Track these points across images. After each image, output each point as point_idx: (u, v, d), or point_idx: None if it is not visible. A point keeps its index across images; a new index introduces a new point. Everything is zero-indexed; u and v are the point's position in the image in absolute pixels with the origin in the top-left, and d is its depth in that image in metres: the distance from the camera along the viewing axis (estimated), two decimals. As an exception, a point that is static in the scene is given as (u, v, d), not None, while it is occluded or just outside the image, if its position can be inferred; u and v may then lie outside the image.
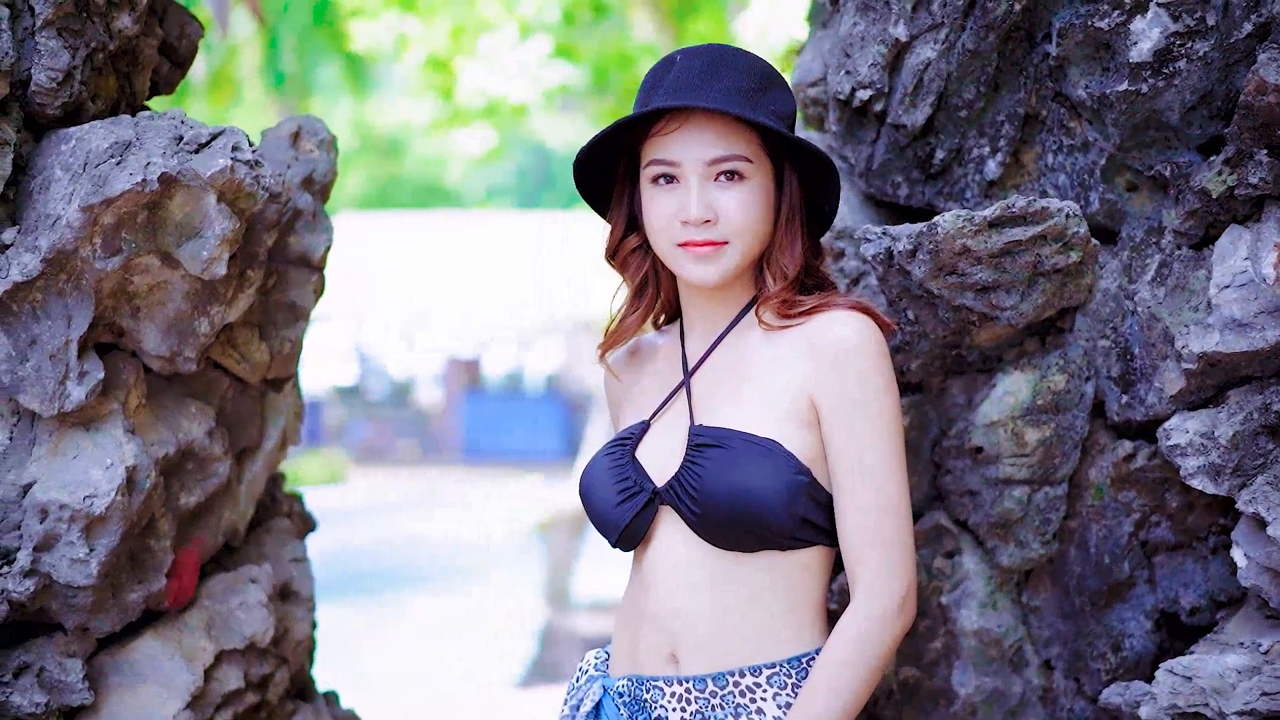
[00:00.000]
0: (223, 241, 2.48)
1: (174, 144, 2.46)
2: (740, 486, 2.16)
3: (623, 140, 2.32)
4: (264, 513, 3.07)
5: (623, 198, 2.38)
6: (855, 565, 2.19)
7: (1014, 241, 2.43)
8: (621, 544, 2.31)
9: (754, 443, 2.18)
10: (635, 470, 2.29)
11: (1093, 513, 2.63)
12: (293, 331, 2.83)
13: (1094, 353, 2.59)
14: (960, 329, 2.58)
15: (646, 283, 2.42)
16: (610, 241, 2.40)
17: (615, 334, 2.43)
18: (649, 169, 2.27)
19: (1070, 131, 2.62)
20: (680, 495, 2.22)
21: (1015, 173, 2.68)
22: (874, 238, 2.54)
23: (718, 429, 2.22)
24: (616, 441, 2.36)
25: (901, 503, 2.19)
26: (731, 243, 2.25)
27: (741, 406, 2.24)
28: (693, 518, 2.20)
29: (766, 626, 2.20)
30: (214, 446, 2.70)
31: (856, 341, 2.19)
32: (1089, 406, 2.59)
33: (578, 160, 2.32)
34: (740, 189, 2.24)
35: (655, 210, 2.27)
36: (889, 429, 2.19)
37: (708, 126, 2.23)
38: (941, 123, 2.66)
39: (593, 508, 2.33)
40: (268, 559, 2.92)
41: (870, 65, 2.65)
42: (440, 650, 10.53)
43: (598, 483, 2.33)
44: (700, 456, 2.20)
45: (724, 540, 2.20)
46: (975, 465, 2.66)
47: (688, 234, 2.24)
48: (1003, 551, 2.65)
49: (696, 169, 2.23)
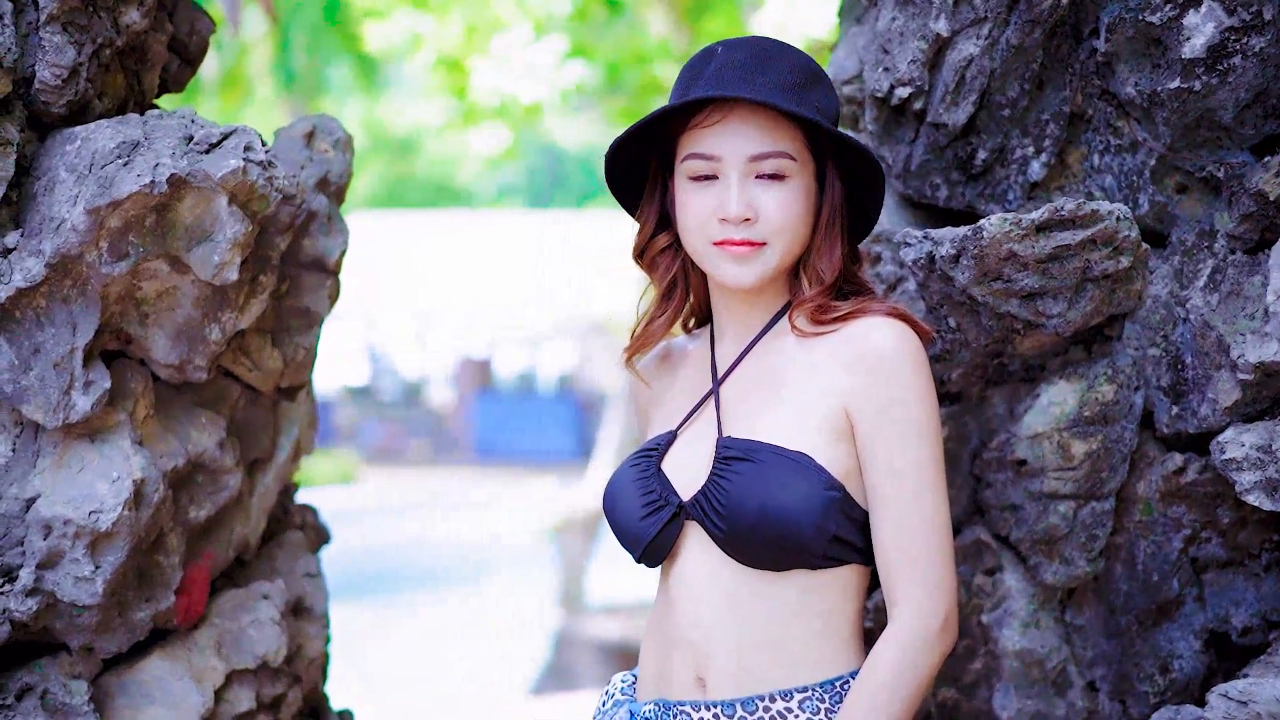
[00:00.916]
0: (234, 245, 2.38)
1: (184, 144, 2.35)
2: (769, 502, 2.06)
3: (658, 133, 2.22)
4: (276, 525, 2.97)
5: (654, 193, 2.28)
6: (893, 585, 2.08)
7: (1062, 246, 2.32)
8: (646, 560, 2.22)
9: (784, 456, 2.08)
10: (660, 483, 2.19)
11: (1140, 528, 2.52)
12: (306, 338, 2.73)
13: (1143, 362, 2.48)
14: (1003, 337, 2.48)
15: (675, 284, 2.31)
16: (639, 240, 2.30)
17: (641, 338, 2.32)
18: (686, 163, 2.17)
19: (1118, 131, 2.51)
20: (706, 510, 2.12)
21: (1060, 174, 2.57)
22: (914, 241, 2.44)
23: (746, 441, 2.12)
24: (642, 452, 2.27)
25: (941, 518, 2.09)
26: (770, 244, 2.15)
27: (772, 417, 2.14)
28: (719, 534, 2.11)
29: (798, 648, 2.10)
30: (225, 458, 2.59)
31: (893, 349, 2.09)
32: (1138, 418, 2.49)
33: (610, 152, 2.22)
34: (782, 188, 2.14)
35: (691, 207, 2.17)
36: (927, 441, 2.09)
37: (751, 120, 2.13)
38: (983, 122, 2.56)
39: (617, 521, 2.24)
40: (280, 574, 2.82)
41: (910, 62, 2.54)
42: (451, 653, 10.47)
43: (622, 495, 2.24)
44: (727, 470, 2.11)
45: (752, 558, 2.10)
46: (1018, 478, 2.55)
47: (725, 232, 2.14)
48: (1046, 568, 2.54)
49: (738, 165, 2.13)
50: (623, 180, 2.29)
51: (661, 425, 2.31)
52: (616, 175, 2.27)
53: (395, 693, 8.93)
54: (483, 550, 15.18)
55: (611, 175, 2.27)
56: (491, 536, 16.04)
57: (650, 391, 2.41)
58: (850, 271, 2.23)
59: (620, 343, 2.40)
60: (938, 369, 2.57)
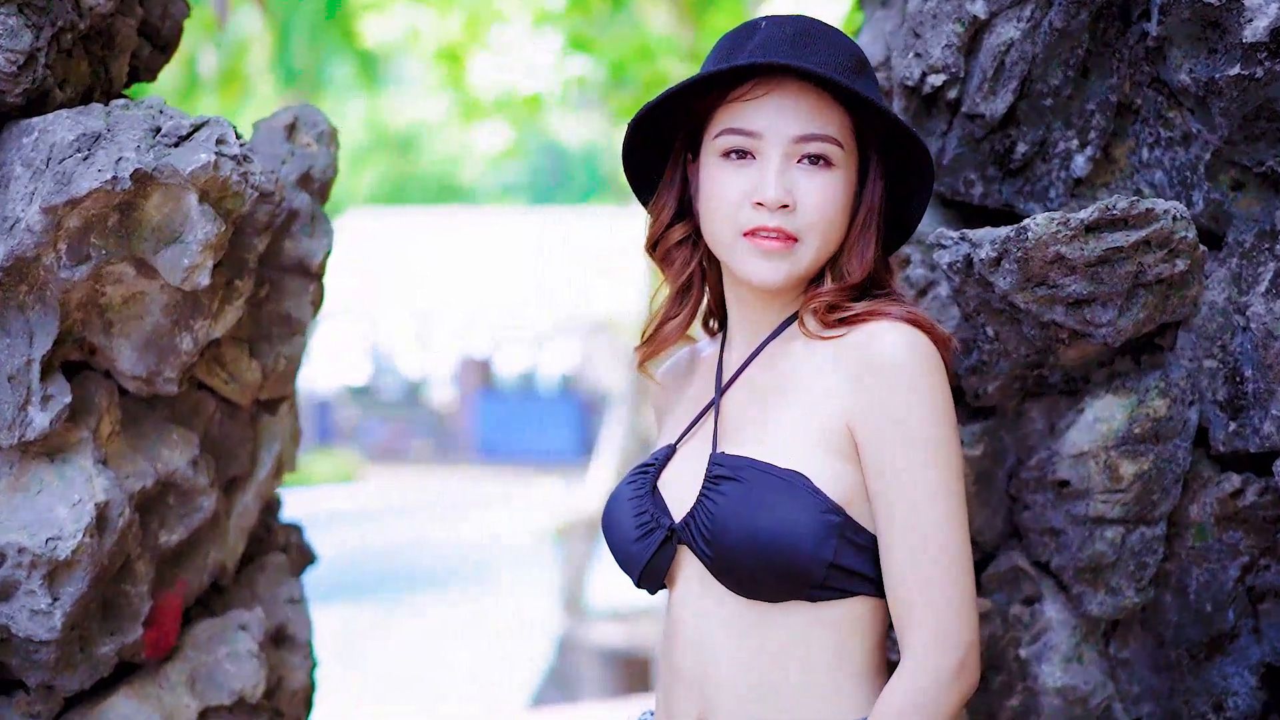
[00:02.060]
0: (206, 247, 2.17)
1: (150, 136, 2.15)
2: (756, 526, 1.86)
3: (687, 109, 2.01)
4: (258, 547, 2.76)
5: (675, 177, 2.06)
6: (903, 623, 1.87)
7: (1114, 248, 2.12)
8: (644, 585, 2.03)
9: (772, 475, 1.87)
10: (654, 503, 2.00)
11: (1193, 555, 2.32)
12: (288, 347, 2.52)
13: (1198, 374, 2.28)
14: (1046, 347, 2.28)
15: (691, 282, 2.10)
16: (654, 229, 2.08)
17: (654, 340, 2.11)
18: (721, 139, 1.95)
19: (1169, 122, 2.31)
20: (694, 534, 1.93)
21: (1105, 169, 2.38)
22: (950, 243, 2.23)
23: (736, 458, 1.92)
24: (640, 468, 2.08)
25: (957, 546, 1.86)
26: (804, 240, 1.94)
27: (769, 432, 1.93)
28: (708, 560, 1.92)
29: (804, 686, 1.90)
30: (198, 477, 2.39)
31: (900, 357, 1.86)
32: (1192, 435, 2.29)
33: (635, 122, 2.01)
34: (826, 176, 1.93)
35: (722, 188, 1.95)
36: (940, 461, 1.86)
37: (800, 98, 1.92)
38: (1024, 112, 2.36)
39: (613, 543, 2.06)
40: (260, 601, 2.62)
41: (944, 47, 2.34)
42: (451, 655, 10.34)
43: (618, 515, 2.05)
44: (715, 491, 1.91)
45: (744, 587, 1.90)
46: (1059, 500, 2.35)
47: (758, 219, 1.92)
48: (1091, 599, 2.34)
49: (780, 144, 1.92)
50: (639, 164, 2.08)
51: (667, 437, 2.12)
52: (635, 155, 2.06)
53: (395, 695, 8.80)
54: (484, 551, 15.07)
55: (630, 154, 2.06)
56: (493, 537, 15.91)
57: (667, 398, 2.22)
58: (881, 278, 2.03)
59: (623, 342, 2.20)
60: (972, 381, 2.37)
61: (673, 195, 2.06)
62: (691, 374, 2.19)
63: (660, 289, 2.13)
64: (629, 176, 2.11)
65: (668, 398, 2.22)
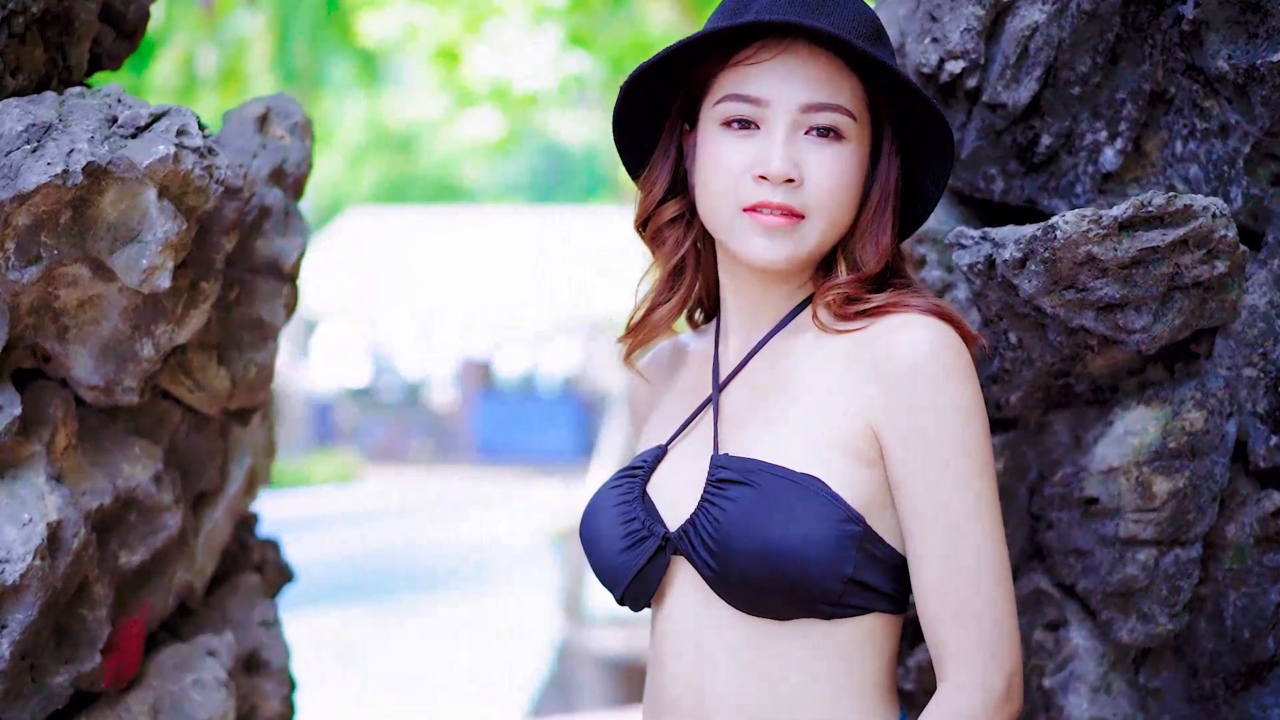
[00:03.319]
0: (166, 246, 2.01)
1: (105, 127, 1.99)
2: (769, 535, 1.69)
3: (685, 73, 1.84)
4: (232, 565, 2.60)
5: (669, 148, 1.89)
6: (942, 644, 1.72)
7: (1149, 248, 1.95)
8: (629, 601, 1.85)
9: (788, 479, 1.70)
10: (644, 509, 1.82)
11: (1231, 578, 2.16)
12: (260, 353, 2.36)
13: (1237, 384, 2.11)
14: (1073, 355, 2.12)
15: (684, 265, 1.92)
16: (645, 204, 1.90)
17: (642, 329, 1.94)
18: (722, 106, 1.79)
19: (1205, 113, 2.15)
20: (694, 544, 1.76)
21: (1136, 163, 2.21)
22: (970, 243, 2.07)
23: (743, 460, 1.75)
24: (626, 471, 1.90)
25: (998, 561, 1.72)
26: (811, 218, 1.77)
27: (778, 432, 1.76)
28: (709, 573, 1.74)
29: (811, 710, 1.74)
30: (162, 493, 2.22)
31: (928, 354, 1.71)
32: (1230, 450, 2.12)
33: (627, 86, 1.84)
34: (836, 150, 1.77)
35: (723, 159, 1.78)
36: (976, 467, 1.71)
37: (811, 63, 1.76)
38: (1049, 102, 2.20)
39: (594, 554, 1.88)
40: (231, 624, 2.45)
41: (963, 31, 2.17)
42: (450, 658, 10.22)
43: (601, 523, 1.87)
44: (720, 495, 1.74)
45: (750, 603, 1.74)
46: (1087, 519, 2.19)
47: (760, 194, 1.76)
48: (1121, 625, 2.18)
49: (788, 113, 1.76)
50: (632, 135, 1.91)
51: (654, 437, 1.94)
52: (627, 124, 1.89)
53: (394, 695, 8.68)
54: (484, 552, 14.96)
55: (621, 123, 1.89)
56: (493, 538, 15.79)
57: (650, 393, 2.05)
58: (898, 267, 1.87)
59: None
60: (994, 392, 2.21)
61: (666, 168, 1.90)
62: (677, 368, 2.02)
63: (649, 272, 1.96)
64: (620, 148, 1.94)
65: (650, 394, 2.05)
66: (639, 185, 1.93)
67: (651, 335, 1.95)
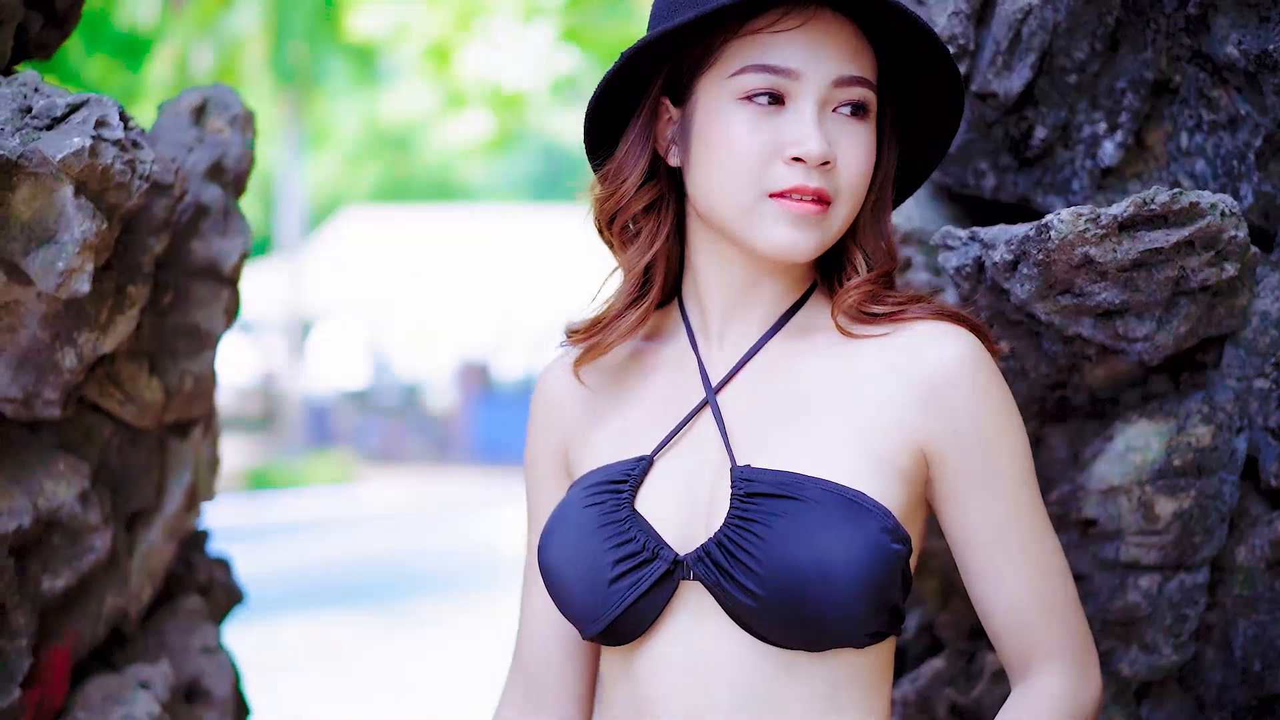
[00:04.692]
0: (84, 248, 1.85)
1: (18, 117, 1.84)
2: (828, 558, 1.53)
3: (675, 46, 1.66)
4: (177, 586, 2.44)
5: (648, 128, 1.71)
6: (1030, 650, 1.66)
7: (1152, 250, 1.80)
8: (610, 636, 1.65)
9: (839, 494, 1.56)
10: (640, 528, 1.63)
11: (1240, 605, 2.01)
12: (197, 363, 2.20)
13: (1247, 396, 1.96)
14: (1070, 365, 1.97)
15: (654, 262, 1.74)
16: (619, 193, 1.70)
17: (600, 338, 1.74)
18: (743, 79, 1.61)
19: (1213, 103, 2.00)
20: (726, 568, 1.56)
21: (1138, 157, 2.07)
22: (957, 243, 1.92)
23: (779, 473, 1.58)
24: (603, 485, 1.68)
25: (1069, 573, 1.70)
26: (837, 204, 1.63)
27: (801, 442, 1.61)
28: (744, 602, 1.56)
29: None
30: (88, 513, 2.07)
31: (976, 365, 1.63)
32: (1240, 467, 1.97)
33: (628, 58, 1.65)
34: (862, 129, 1.65)
35: (744, 137, 1.61)
36: (1033, 476, 1.68)
37: (837, 32, 1.63)
38: (1044, 91, 2.05)
39: (566, 582, 1.66)
40: (170, 651, 2.29)
41: (951, 14, 2.03)
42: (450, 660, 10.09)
43: (577, 545, 1.65)
44: (757, 510, 1.56)
45: (785, 634, 1.57)
46: (1085, 541, 2.05)
47: (794, 177, 1.60)
48: (1122, 656, 2.03)
49: (819, 88, 1.61)
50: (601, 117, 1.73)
51: (613, 449, 1.72)
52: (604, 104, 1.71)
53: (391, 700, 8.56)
54: (482, 555, 14.84)
55: (603, 100, 1.70)
56: (491, 541, 15.68)
57: (588, 403, 1.80)
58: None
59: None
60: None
61: (642, 154, 1.70)
62: (624, 372, 1.80)
63: (616, 272, 1.79)
64: (587, 134, 1.75)
65: (586, 402, 1.80)
66: (607, 173, 1.73)
67: (612, 345, 1.75)
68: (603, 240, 1.79)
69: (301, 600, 11.00)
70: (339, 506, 17.40)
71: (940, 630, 2.24)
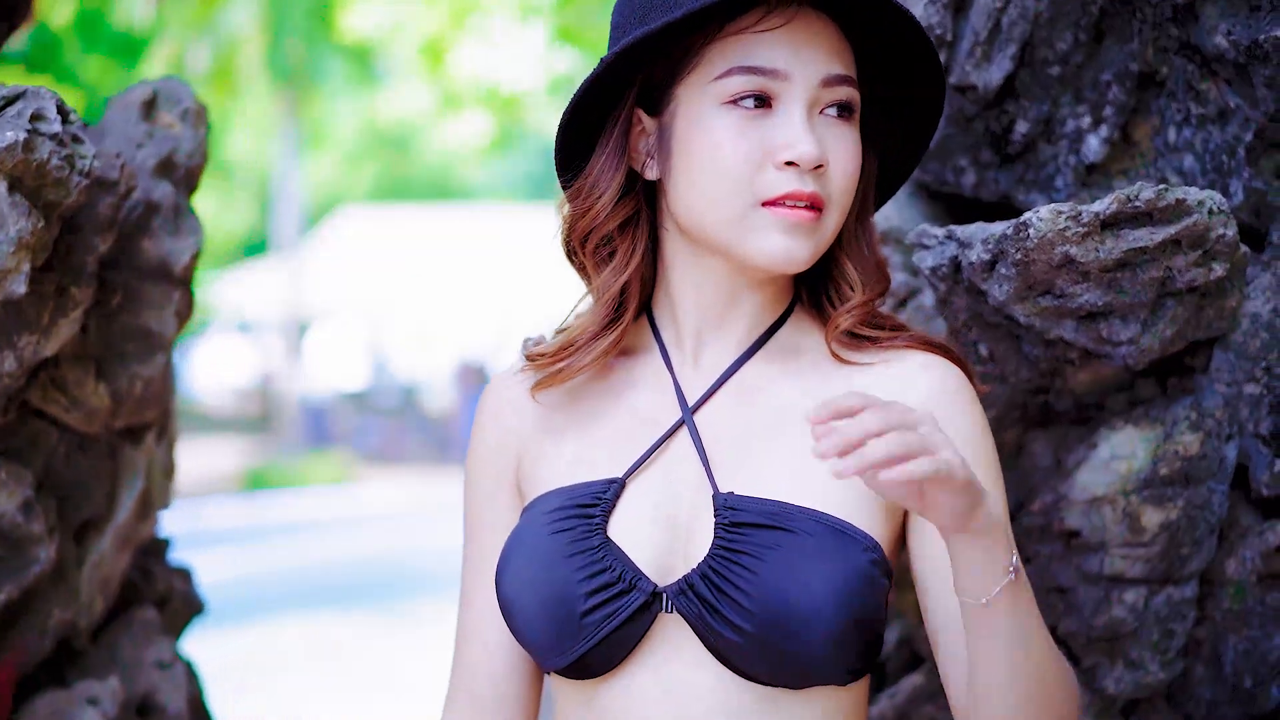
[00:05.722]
0: (20, 247, 1.78)
1: (-49, 111, 1.75)
2: (823, 593, 1.46)
3: (649, 52, 1.58)
4: (134, 598, 2.36)
5: (622, 141, 1.62)
6: None
7: (1137, 249, 1.73)
8: (576, 669, 1.56)
9: (828, 525, 1.49)
10: (615, 557, 1.54)
11: (1230, 620, 1.95)
12: (148, 366, 2.12)
13: (1237, 402, 1.88)
14: (1052, 370, 1.89)
15: (630, 282, 1.65)
16: (594, 210, 1.61)
17: (573, 356, 1.64)
18: (728, 81, 1.54)
19: (1201, 96, 1.93)
20: (712, 602, 1.49)
21: (1124, 153, 2.00)
22: (933, 242, 1.85)
23: (766, 501, 1.51)
24: (571, 509, 1.58)
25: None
26: (829, 210, 1.57)
27: (790, 466, 1.54)
28: (729, 638, 1.48)
29: None
30: (32, 524, 1.99)
31: (959, 388, 1.61)
32: (1230, 476, 1.90)
33: (605, 66, 1.57)
34: (850, 131, 1.59)
35: (730, 143, 1.54)
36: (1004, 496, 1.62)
37: (821, 30, 1.56)
38: (1025, 83, 1.98)
39: (527, 613, 1.56)
40: (122, 665, 2.21)
41: (927, 3, 1.97)
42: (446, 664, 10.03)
43: (541, 574, 1.56)
44: (745, 542, 1.49)
45: (769, 672, 1.50)
46: (1069, 553, 1.98)
47: (787, 183, 1.53)
48: (1107, 673, 1.96)
49: (808, 89, 1.55)
50: (574, 134, 1.64)
51: (573, 469, 1.63)
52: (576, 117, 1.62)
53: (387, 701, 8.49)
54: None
55: (578, 112, 1.61)
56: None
57: (541, 419, 1.69)
58: None
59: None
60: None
61: (619, 165, 1.62)
62: (587, 387, 1.69)
63: (585, 296, 1.70)
64: (559, 150, 1.65)
65: (539, 419, 1.70)
66: (579, 190, 1.63)
67: (581, 371, 1.65)
68: (573, 264, 1.70)
69: (301, 600, 10.94)
70: (338, 507, 17.35)
71: (919, 645, 2.16)
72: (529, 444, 1.69)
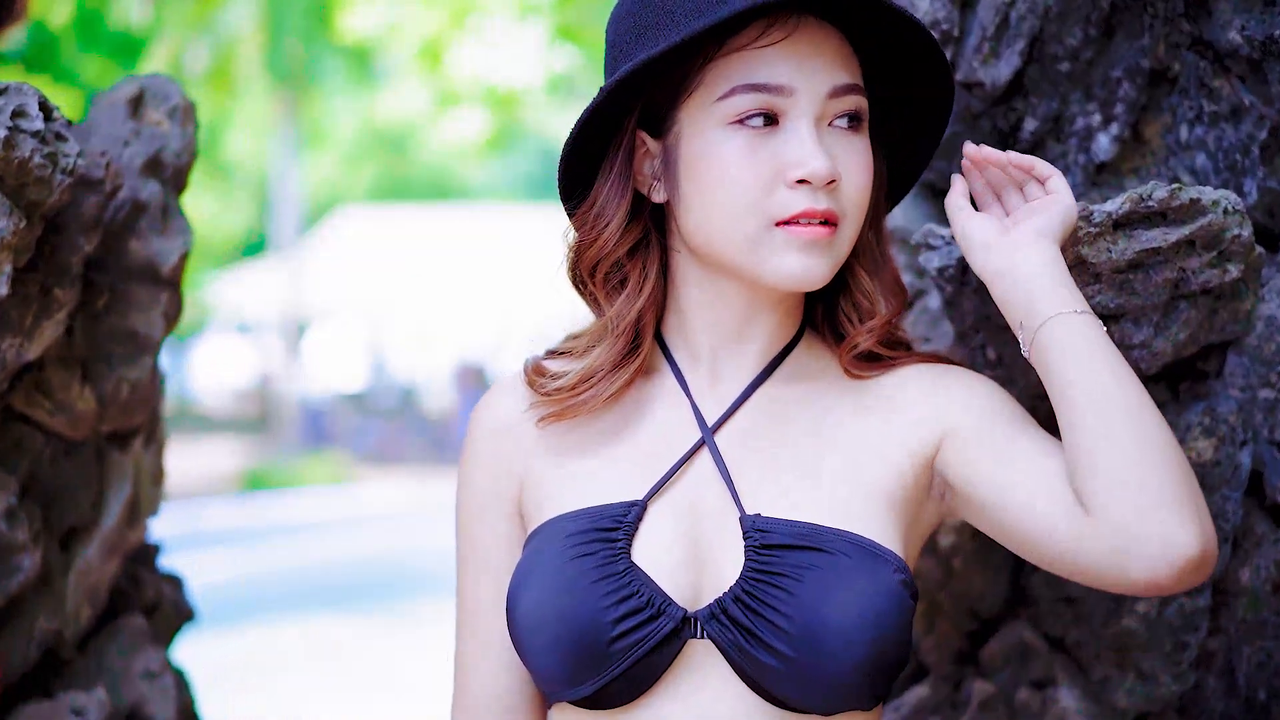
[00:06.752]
0: (2, 247, 1.73)
1: (-70, 108, 1.71)
2: (861, 616, 1.44)
3: (651, 75, 1.54)
4: (122, 606, 2.31)
5: (626, 166, 1.58)
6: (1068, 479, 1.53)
7: (1149, 250, 1.68)
8: (596, 699, 1.51)
9: (859, 545, 1.48)
10: (642, 581, 1.49)
11: (1244, 630, 1.91)
12: (135, 369, 2.07)
13: (1251, 407, 1.84)
14: (1062, 374, 1.83)
15: (646, 309, 1.61)
16: (600, 242, 1.57)
17: (593, 390, 1.59)
18: (732, 101, 1.51)
19: (1214, 94, 1.89)
20: (749, 626, 1.46)
21: (1135, 151, 1.96)
22: (940, 243, 1.82)
23: (798, 524, 1.48)
24: (592, 533, 1.53)
25: None
26: (844, 226, 1.55)
27: (815, 486, 1.52)
28: (766, 663, 1.45)
29: None
30: (15, 531, 1.94)
31: (966, 371, 1.64)
32: (1244, 483, 1.86)
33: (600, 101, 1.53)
34: (861, 142, 1.56)
35: (740, 164, 1.50)
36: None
37: (823, 41, 1.53)
38: (1034, 80, 1.94)
39: (546, 642, 1.51)
40: (109, 675, 2.17)
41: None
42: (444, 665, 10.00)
43: (565, 601, 1.50)
44: (779, 563, 1.46)
45: (801, 696, 1.46)
46: (1078, 562, 1.91)
47: (801, 201, 1.50)
48: (1117, 685, 1.92)
49: (814, 102, 1.52)
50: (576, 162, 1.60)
51: (587, 492, 1.58)
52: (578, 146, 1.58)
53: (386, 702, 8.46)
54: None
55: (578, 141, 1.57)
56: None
57: (541, 438, 1.64)
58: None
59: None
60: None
61: (624, 190, 1.58)
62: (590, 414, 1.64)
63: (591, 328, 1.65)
64: (563, 176, 1.61)
65: (544, 439, 1.64)
66: (584, 217, 1.60)
67: (599, 406, 1.60)
68: (582, 294, 1.67)
69: (300, 601, 10.91)
70: (337, 507, 17.33)
71: (925, 655, 2.11)
72: (530, 465, 1.65)
